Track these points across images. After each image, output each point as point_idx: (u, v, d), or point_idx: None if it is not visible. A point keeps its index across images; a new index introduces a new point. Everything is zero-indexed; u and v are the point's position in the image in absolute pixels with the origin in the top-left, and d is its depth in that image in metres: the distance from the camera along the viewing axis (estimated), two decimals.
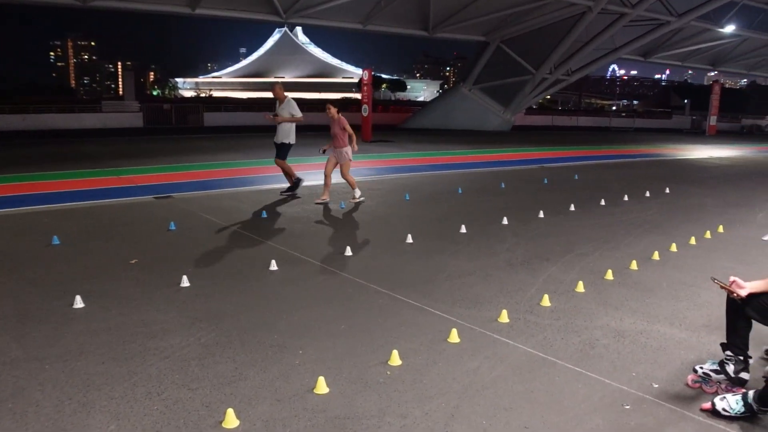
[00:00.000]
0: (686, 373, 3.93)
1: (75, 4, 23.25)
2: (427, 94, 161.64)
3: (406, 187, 11.91)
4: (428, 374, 3.87)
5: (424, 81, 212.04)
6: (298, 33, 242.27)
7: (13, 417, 3.30)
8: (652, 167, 17.46)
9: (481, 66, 34.74)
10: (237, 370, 3.88)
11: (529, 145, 23.92)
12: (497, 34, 33.01)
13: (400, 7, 28.23)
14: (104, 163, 14.83)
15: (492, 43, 33.66)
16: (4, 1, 23.58)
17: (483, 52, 34.51)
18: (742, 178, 14.86)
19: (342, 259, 6.57)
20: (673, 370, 4.03)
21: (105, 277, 5.81)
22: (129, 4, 24.64)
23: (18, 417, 3.30)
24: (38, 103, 36.76)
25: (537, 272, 6.24)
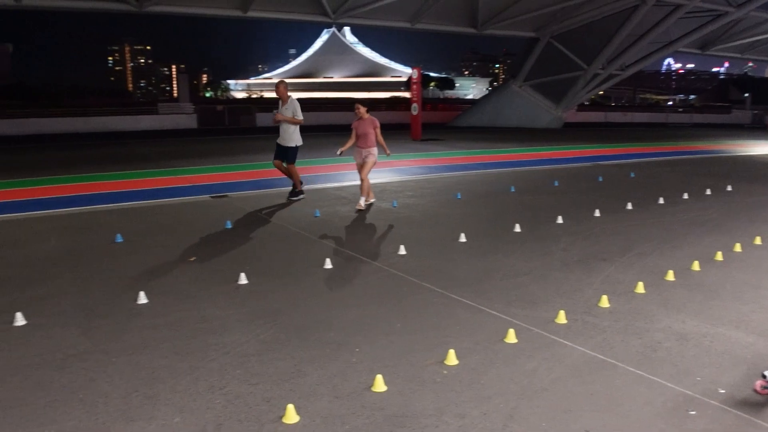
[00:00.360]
0: (754, 379, 3.78)
1: (131, 9, 23.98)
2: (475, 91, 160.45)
3: (458, 185, 11.84)
4: (485, 374, 3.85)
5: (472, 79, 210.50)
6: (347, 33, 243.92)
7: (84, 407, 3.43)
8: (712, 164, 16.88)
9: (532, 62, 34.25)
10: (296, 367, 3.93)
11: (582, 143, 23.46)
12: (548, 30, 32.48)
13: (449, 4, 28.10)
14: (161, 164, 15.28)
15: (542, 38, 33.15)
16: (65, 9, 24.46)
17: (533, 48, 34.01)
18: None
19: (395, 258, 6.59)
20: (739, 375, 3.89)
21: (166, 274, 5.98)
22: (183, 9, 25.27)
23: (88, 407, 3.43)
24: (97, 106, 38.10)
25: (594, 272, 6.12)
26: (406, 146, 21.03)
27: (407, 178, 13.04)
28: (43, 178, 12.86)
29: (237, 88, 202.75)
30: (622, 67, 33.48)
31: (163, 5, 24.48)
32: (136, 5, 23.64)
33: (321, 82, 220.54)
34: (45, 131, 28.53)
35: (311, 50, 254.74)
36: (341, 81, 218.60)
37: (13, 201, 10.27)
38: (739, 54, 41.87)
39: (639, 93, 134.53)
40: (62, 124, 29.61)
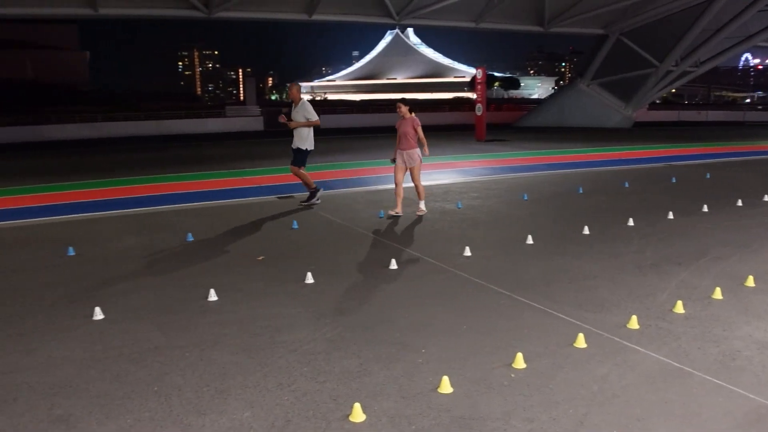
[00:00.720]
0: None
1: (202, 15, 24.75)
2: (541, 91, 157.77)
3: (524, 186, 11.65)
4: (554, 379, 3.76)
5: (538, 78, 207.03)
6: (410, 34, 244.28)
7: (158, 399, 3.56)
8: None
9: (600, 60, 33.33)
10: (362, 366, 3.95)
11: (653, 142, 22.66)
12: (617, 26, 31.54)
13: (514, 2, 27.71)
14: (229, 165, 15.71)
15: (611, 35, 32.20)
16: (139, 16, 25.48)
17: (602, 45, 33.09)
18: None
19: (461, 259, 6.53)
20: None
21: (235, 273, 6.13)
22: (251, 14, 25.89)
23: (163, 399, 3.55)
24: (168, 109, 39.53)
25: (668, 276, 5.89)
26: (471, 147, 20.87)
27: (472, 179, 12.92)
28: (119, 179, 13.44)
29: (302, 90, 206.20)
30: (697, 64, 32.11)
31: (232, 11, 25.16)
32: (206, 11, 24.40)
33: (384, 83, 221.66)
34: (119, 134, 29.84)
35: (374, 52, 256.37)
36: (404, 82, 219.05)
37: (93, 201, 10.77)
38: None
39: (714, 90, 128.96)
40: (135, 128, 30.90)
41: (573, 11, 29.12)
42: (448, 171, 14.39)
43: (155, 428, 3.24)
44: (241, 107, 41.48)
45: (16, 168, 16.30)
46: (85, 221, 8.97)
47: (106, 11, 23.63)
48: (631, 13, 30.16)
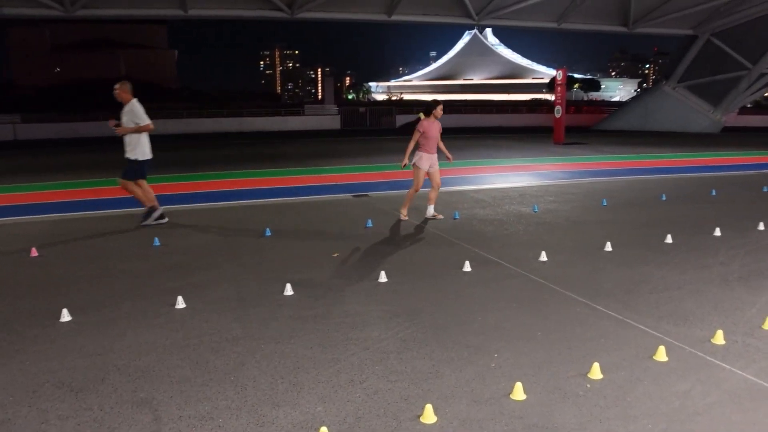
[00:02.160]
0: None
1: (284, 16, 25.37)
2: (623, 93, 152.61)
3: (603, 191, 11.32)
4: (632, 392, 3.64)
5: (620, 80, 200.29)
6: (488, 34, 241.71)
7: (235, 388, 3.68)
8: None
9: (688, 62, 31.94)
10: (434, 367, 3.95)
11: (744, 149, 21.51)
12: (707, 27, 30.12)
13: (598, 2, 26.95)
14: (306, 163, 16.05)
15: (701, 36, 30.80)
16: (226, 17, 26.39)
17: (690, 46, 31.71)
18: None
19: (536, 264, 6.42)
20: None
21: (310, 268, 6.26)
22: (332, 14, 26.33)
23: (239, 389, 3.67)
24: (250, 107, 40.73)
25: (758, 291, 5.58)
26: (549, 150, 20.45)
27: (549, 183, 12.66)
28: (204, 173, 13.98)
29: (378, 90, 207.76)
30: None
31: (314, 11, 25.68)
32: (289, 12, 25.00)
33: (461, 84, 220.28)
34: (205, 131, 31.01)
35: (452, 52, 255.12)
36: (481, 83, 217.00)
37: (178, 194, 11.24)
38: None
39: None
40: (218, 125, 32.04)
41: (660, 11, 28.04)
42: (524, 174, 14.16)
43: (231, 417, 3.36)
44: (320, 106, 42.27)
45: (101, 161, 17.23)
46: (176, 212, 9.35)
47: (195, 12, 24.63)
48: (723, 12, 28.76)
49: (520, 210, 9.55)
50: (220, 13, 25.54)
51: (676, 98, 32.76)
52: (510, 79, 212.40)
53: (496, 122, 37.33)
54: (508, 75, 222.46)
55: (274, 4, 24.64)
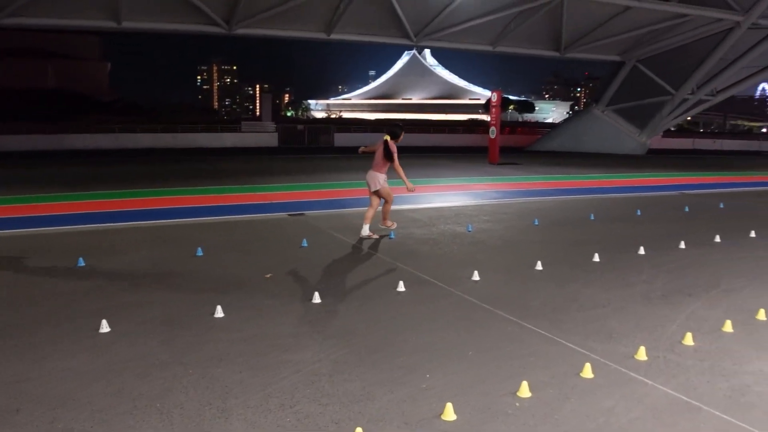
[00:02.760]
0: None
1: (222, 31, 25.09)
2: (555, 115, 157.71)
3: (535, 211, 11.62)
4: (560, 410, 3.72)
5: (553, 102, 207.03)
6: (427, 55, 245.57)
7: (160, 416, 3.55)
8: None
9: (616, 87, 33.38)
10: (365, 389, 3.93)
11: (667, 170, 22.57)
12: (634, 53, 31.60)
13: (531, 27, 27.87)
14: (242, 180, 15.81)
15: (628, 62, 32.27)
16: (161, 30, 25.88)
17: (618, 72, 33.16)
18: None
19: (469, 283, 6.51)
20: None
21: (243, 289, 6.14)
22: (271, 31, 26.23)
23: (165, 417, 3.54)
24: (186, 123, 39.97)
25: (678, 308, 5.83)
26: (484, 169, 20.88)
27: (483, 202, 12.91)
28: (133, 190, 13.56)
29: (317, 108, 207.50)
30: (713, 93, 32.07)
31: (252, 27, 25.50)
32: (226, 27, 24.75)
33: (400, 103, 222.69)
34: (136, 146, 30.17)
35: (391, 72, 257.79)
36: (420, 103, 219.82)
37: (105, 212, 10.86)
38: None
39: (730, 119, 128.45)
40: (152, 140, 31.26)
41: (589, 37, 29.23)
42: (459, 193, 14.40)
43: None
44: (257, 123, 41.87)
45: (36, 176, 16.49)
46: (97, 232, 9.04)
47: (129, 24, 24.04)
48: (647, 41, 30.24)
49: (455, 229, 9.68)
50: (155, 27, 25.03)
51: (605, 121, 34.12)
52: (448, 100, 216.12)
53: (434, 142, 37.90)
54: (446, 95, 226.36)
55: (212, 19, 24.36)
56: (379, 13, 25.74)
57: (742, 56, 29.26)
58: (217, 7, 23.97)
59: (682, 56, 29.88)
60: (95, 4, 22.73)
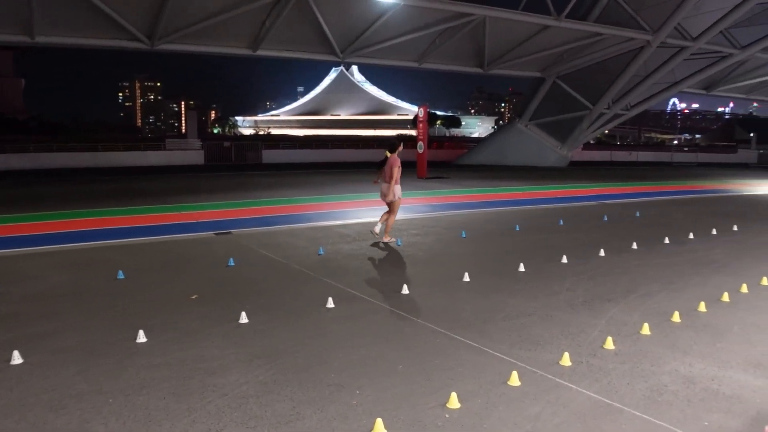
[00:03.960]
0: (764, 424, 3.70)
1: (143, 47, 24.42)
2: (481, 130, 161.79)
3: (462, 224, 11.82)
4: (488, 419, 3.77)
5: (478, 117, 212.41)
6: (354, 71, 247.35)
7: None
8: (718, 203, 16.83)
9: (537, 102, 34.57)
10: (294, 409, 3.86)
11: (587, 181, 23.49)
12: (553, 70, 32.85)
13: (455, 45, 28.51)
14: (166, 200, 15.35)
15: (548, 78, 33.51)
16: (77, 46, 24.94)
17: (539, 87, 34.37)
18: None
19: (398, 297, 6.53)
20: (748, 420, 3.80)
21: (167, 312, 5.94)
22: (195, 47, 25.72)
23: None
24: (106, 141, 38.60)
25: (599, 313, 6.04)
26: (412, 184, 21.10)
27: (412, 216, 13.04)
28: (47, 212, 12.93)
29: (245, 124, 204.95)
30: (628, 107, 33.73)
31: (175, 43, 24.93)
32: (148, 43, 24.09)
33: (328, 119, 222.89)
34: (53, 166, 28.84)
35: (319, 88, 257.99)
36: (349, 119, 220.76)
37: (18, 236, 10.30)
38: (743, 94, 42.13)
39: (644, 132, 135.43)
40: (70, 159, 29.93)
41: (511, 54, 30.17)
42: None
43: None
44: (182, 140, 40.87)
45: None
46: (9, 257, 8.55)
47: (43, 39, 23.03)
48: (566, 58, 31.51)
49: (386, 244, 9.71)
50: (71, 41, 24.08)
51: (528, 135, 35.22)
52: (376, 116, 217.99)
53: (363, 157, 38.07)
54: (374, 111, 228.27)
55: (132, 34, 23.65)
56: (306, 30, 25.73)
57: (653, 73, 30.95)
58: (138, 22, 23.32)
59: (599, 73, 31.31)
60: (5, 17, 21.66)
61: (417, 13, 24.98)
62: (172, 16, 22.79)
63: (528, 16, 25.76)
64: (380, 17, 24.88)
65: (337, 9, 24.45)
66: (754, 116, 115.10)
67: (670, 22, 26.85)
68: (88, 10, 21.58)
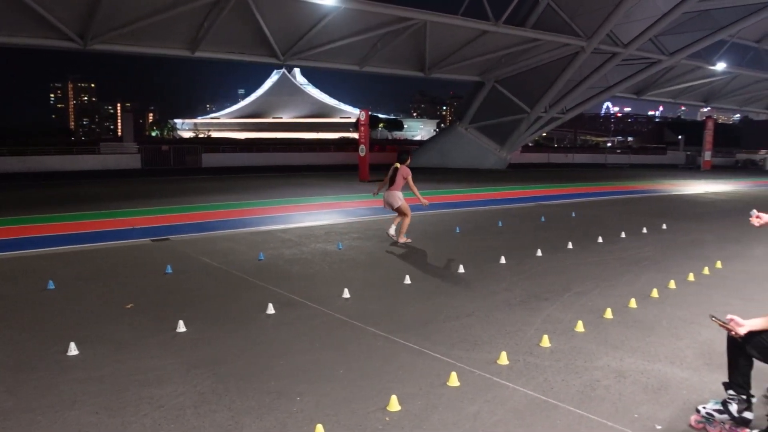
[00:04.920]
0: (689, 414, 3.87)
1: (76, 47, 23.58)
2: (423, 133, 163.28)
3: None
4: (428, 420, 3.81)
5: (420, 120, 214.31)
6: (297, 74, 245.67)
7: None
8: (649, 203, 17.52)
9: (477, 105, 35.17)
10: (233, 419, 3.81)
11: (525, 183, 24.04)
12: (492, 74, 33.49)
13: (397, 48, 28.70)
14: (101, 206, 14.85)
15: (487, 82, 34.13)
16: (6, 44, 23.88)
17: (478, 91, 34.97)
18: (739, 213, 14.85)
19: (340, 302, 6.53)
20: (675, 410, 3.97)
21: (100, 323, 5.75)
22: (130, 48, 25.00)
23: None
24: (37, 144, 37.06)
25: (536, 312, 6.20)
26: (354, 187, 21.12)
27: (354, 220, 13.05)
28: None
29: (184, 127, 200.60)
30: (564, 111, 34.75)
31: (109, 43, 24.16)
32: (80, 42, 23.26)
33: (270, 122, 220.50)
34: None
35: (261, 90, 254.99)
36: (291, 121, 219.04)
37: None
38: (672, 99, 44.07)
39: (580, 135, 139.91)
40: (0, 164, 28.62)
41: (451, 59, 30.59)
42: (330, 211, 14.45)
43: None
44: (118, 144, 39.65)
45: None
46: None
47: None
48: (504, 63, 32.18)
49: (326, 248, 9.70)
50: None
51: (468, 138, 35.77)
52: (319, 118, 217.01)
53: (305, 161, 37.84)
54: (316, 114, 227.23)
55: (64, 34, 22.77)
56: (246, 32, 25.38)
57: (587, 78, 31.97)
58: (70, 21, 22.47)
59: (536, 77, 32.12)
60: None
61: (358, 17, 25.03)
62: (106, 15, 22.08)
63: (467, 21, 26.18)
64: (321, 20, 24.80)
65: (277, 11, 24.23)
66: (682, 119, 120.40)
67: (603, 29, 27.82)
68: (15, 7, 20.67)
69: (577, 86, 32.43)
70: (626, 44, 29.46)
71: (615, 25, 27.98)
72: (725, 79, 39.83)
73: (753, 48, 35.36)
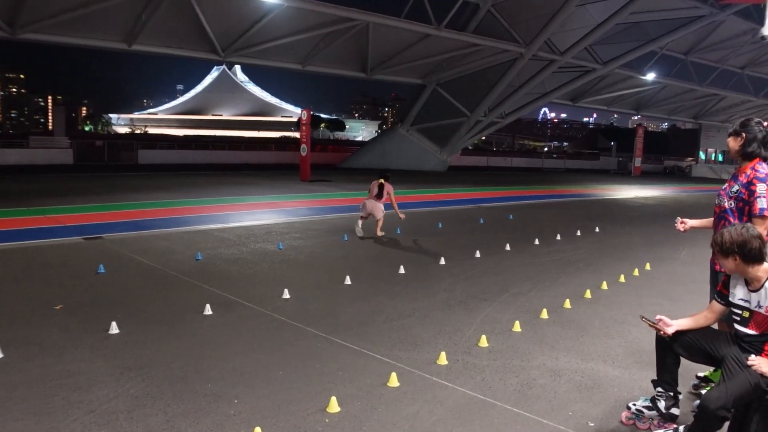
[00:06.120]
0: (620, 411, 4.00)
1: (3, 35, 22.49)
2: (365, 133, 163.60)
3: (344, 227, 11.89)
4: (368, 421, 3.81)
5: (362, 121, 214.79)
6: (237, 71, 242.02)
7: None
8: (583, 207, 18.10)
9: (418, 108, 35.52)
10: (168, 423, 3.71)
11: (465, 185, 24.42)
12: (433, 77, 33.88)
13: (339, 49, 28.67)
14: (29, 202, 14.19)
15: (428, 85, 34.51)
16: None
17: (420, 94, 35.32)
18: (666, 217, 15.53)
19: (279, 302, 6.46)
20: (607, 407, 4.11)
21: (27, 325, 5.50)
22: (63, 38, 24.04)
23: None
24: None
25: (474, 312, 6.29)
26: (295, 187, 20.96)
27: (294, 220, 12.94)
28: None
29: (119, 122, 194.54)
30: (502, 115, 35.52)
31: (41, 33, 23.15)
32: (9, 31, 22.19)
33: (210, 119, 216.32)
34: None
35: (200, 87, 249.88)
36: (231, 119, 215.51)
37: None
38: (605, 106, 45.79)
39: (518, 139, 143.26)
40: None
41: (393, 61, 30.79)
42: (271, 211, 14.29)
43: None
44: (48, 138, 38.04)
45: None
46: None
47: None
48: (445, 66, 32.61)
49: (266, 248, 9.58)
50: None
51: (409, 140, 36.07)
52: (259, 117, 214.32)
53: (245, 159, 37.28)
54: (257, 112, 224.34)
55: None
56: (186, 26, 24.81)
57: (525, 83, 32.80)
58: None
59: (476, 82, 32.70)
60: None
61: (301, 15, 24.86)
62: (37, 2, 21.15)
63: (410, 24, 26.42)
64: (263, 17, 24.51)
65: (217, 6, 23.82)
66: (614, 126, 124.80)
67: (541, 36, 28.59)
68: None
69: (515, 91, 33.22)
70: (563, 52, 30.39)
71: (552, 33, 28.84)
72: (655, 88, 41.65)
73: (681, 60, 37.17)
